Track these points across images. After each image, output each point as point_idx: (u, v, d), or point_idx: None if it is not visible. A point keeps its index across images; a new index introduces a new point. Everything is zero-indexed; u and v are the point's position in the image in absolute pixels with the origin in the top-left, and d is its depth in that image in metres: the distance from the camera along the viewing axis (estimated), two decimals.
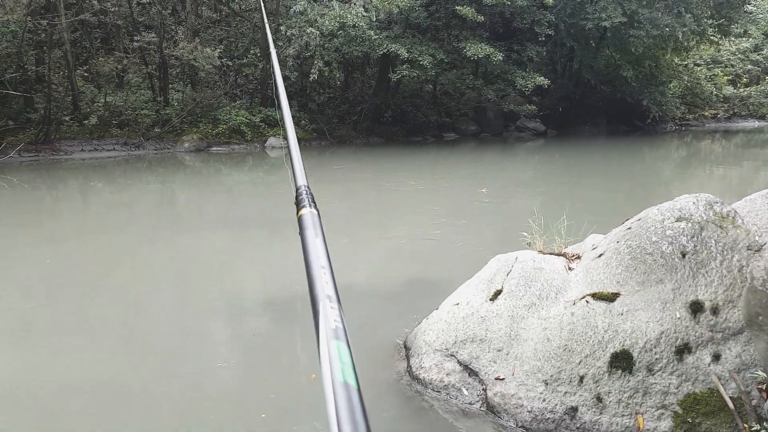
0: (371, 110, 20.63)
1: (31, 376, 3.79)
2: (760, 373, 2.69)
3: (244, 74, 19.80)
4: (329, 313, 0.73)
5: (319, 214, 0.98)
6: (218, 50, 17.48)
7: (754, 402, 2.74)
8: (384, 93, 20.81)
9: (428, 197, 10.50)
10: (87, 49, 17.98)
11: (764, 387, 2.72)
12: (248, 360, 4.10)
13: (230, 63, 18.85)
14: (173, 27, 18.62)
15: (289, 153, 1.26)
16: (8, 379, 3.76)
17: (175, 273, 6.09)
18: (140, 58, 17.77)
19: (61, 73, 16.46)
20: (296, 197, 1.06)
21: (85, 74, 17.14)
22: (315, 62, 17.20)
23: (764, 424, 2.64)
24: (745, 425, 2.70)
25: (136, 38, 16.92)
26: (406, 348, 3.96)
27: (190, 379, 3.75)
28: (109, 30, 18.33)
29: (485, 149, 19.38)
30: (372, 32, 17.22)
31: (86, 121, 15.63)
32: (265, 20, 2.42)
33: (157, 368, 3.90)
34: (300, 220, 0.98)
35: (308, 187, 1.06)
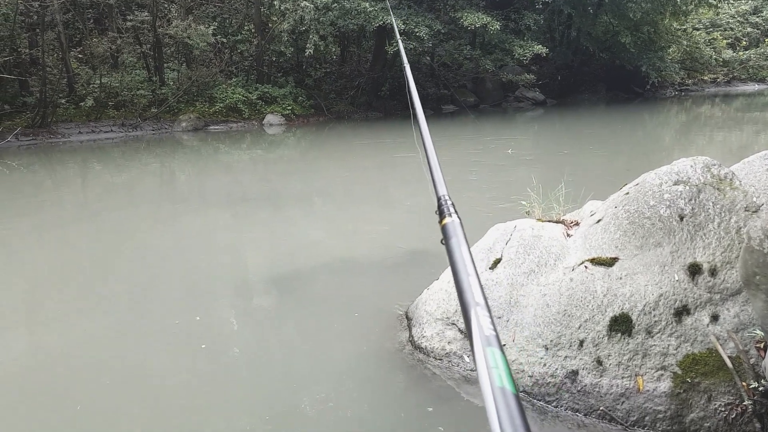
0: (369, 84, 20.47)
1: (43, 357, 3.85)
2: (758, 331, 2.72)
3: (239, 51, 19.61)
4: (482, 321, 0.75)
5: (461, 222, 0.99)
6: (212, 27, 17.29)
7: (752, 360, 2.77)
8: (381, 66, 20.62)
9: (427, 169, 10.46)
10: (80, 30, 17.78)
11: (762, 345, 2.76)
12: (257, 334, 4.15)
13: (225, 40, 18.65)
14: (166, 5, 18.40)
15: (428, 163, 1.28)
16: (20, 359, 3.82)
17: (181, 251, 6.13)
18: (134, 37, 17.59)
19: (55, 55, 16.31)
20: (438, 206, 1.07)
21: (80, 56, 16.98)
22: (310, 37, 17.02)
23: (762, 381, 2.68)
24: (744, 383, 2.74)
25: (129, 17, 16.73)
26: (408, 318, 4.01)
27: (200, 355, 3.80)
28: (101, 10, 18.10)
29: (485, 120, 19.28)
30: (367, 4, 17.00)
31: (82, 103, 15.55)
32: (399, 37, 2.44)
33: (168, 345, 3.95)
34: (444, 228, 0.99)
35: (449, 196, 1.07)
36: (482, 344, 0.72)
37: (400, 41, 2.35)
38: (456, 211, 1.02)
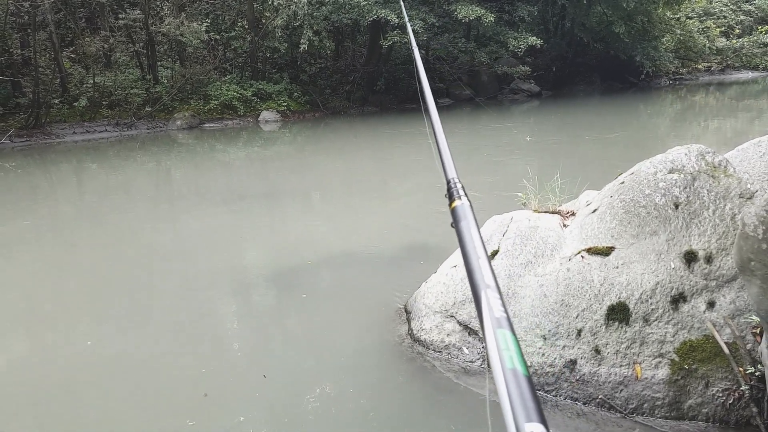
0: (364, 79, 20.41)
1: (47, 357, 3.86)
2: (754, 317, 2.74)
3: (232, 48, 19.52)
4: (493, 303, 0.74)
5: (471, 204, 0.98)
6: (205, 24, 17.20)
7: (748, 346, 2.79)
8: (376, 61, 20.55)
9: (424, 164, 10.47)
10: (72, 29, 17.68)
11: (758, 331, 2.78)
12: (259, 329, 4.16)
13: (218, 37, 18.57)
14: (158, 3, 18.27)
15: (437, 145, 1.27)
16: (23, 360, 3.82)
17: (180, 250, 6.12)
18: (126, 36, 17.49)
19: (48, 55, 16.22)
20: (447, 189, 1.06)
21: (72, 55, 16.89)
22: (304, 32, 16.94)
23: (759, 366, 2.70)
24: (741, 368, 2.76)
25: (121, 16, 16.64)
26: (407, 312, 4.02)
27: (204, 351, 3.81)
28: (93, 9, 18.01)
29: (480, 113, 19.26)
30: None
31: (76, 103, 15.48)
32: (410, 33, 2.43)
33: (169, 344, 3.96)
34: (453, 211, 0.98)
35: (458, 178, 1.07)
36: (493, 326, 0.71)
37: (409, 25, 2.34)
38: (466, 194, 1.01)
